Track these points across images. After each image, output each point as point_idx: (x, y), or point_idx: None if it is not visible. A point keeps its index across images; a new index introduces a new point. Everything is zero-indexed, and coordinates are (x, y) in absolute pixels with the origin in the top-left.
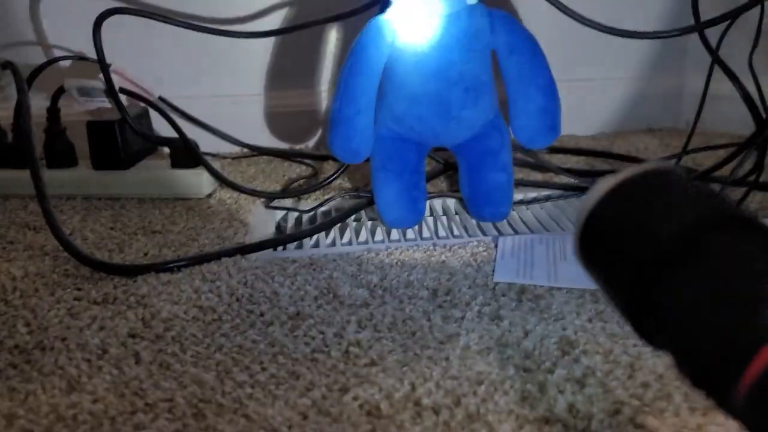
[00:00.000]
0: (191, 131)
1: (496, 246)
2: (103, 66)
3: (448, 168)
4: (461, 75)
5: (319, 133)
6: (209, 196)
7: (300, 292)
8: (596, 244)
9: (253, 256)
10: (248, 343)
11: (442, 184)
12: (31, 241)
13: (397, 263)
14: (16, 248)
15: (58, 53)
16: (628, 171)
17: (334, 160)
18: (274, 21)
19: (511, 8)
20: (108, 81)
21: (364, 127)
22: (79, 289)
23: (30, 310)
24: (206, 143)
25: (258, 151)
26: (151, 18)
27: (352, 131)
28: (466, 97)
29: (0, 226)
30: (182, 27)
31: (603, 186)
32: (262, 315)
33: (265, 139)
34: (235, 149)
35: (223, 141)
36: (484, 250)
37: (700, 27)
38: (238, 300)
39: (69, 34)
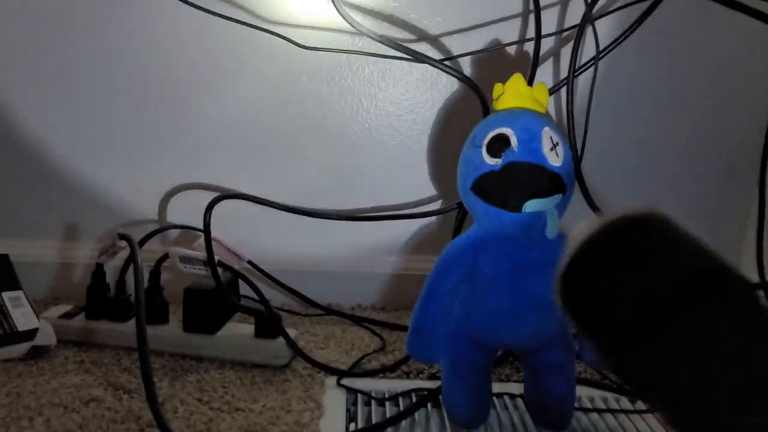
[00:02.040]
0: (270, 292)
1: None
2: (208, 242)
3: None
4: (534, 296)
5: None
6: (287, 365)
7: None
8: (583, 290)
9: None
10: None
11: (504, 371)
12: (126, 409)
13: None
14: (113, 418)
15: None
16: (615, 214)
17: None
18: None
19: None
20: (209, 253)
21: (440, 336)
22: None
23: None
24: (282, 299)
25: (329, 311)
26: (255, 202)
27: (428, 340)
28: (539, 316)
29: (98, 386)
30: (281, 210)
31: (590, 227)
32: None
33: (332, 295)
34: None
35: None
36: None
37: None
38: None
39: (171, 207)
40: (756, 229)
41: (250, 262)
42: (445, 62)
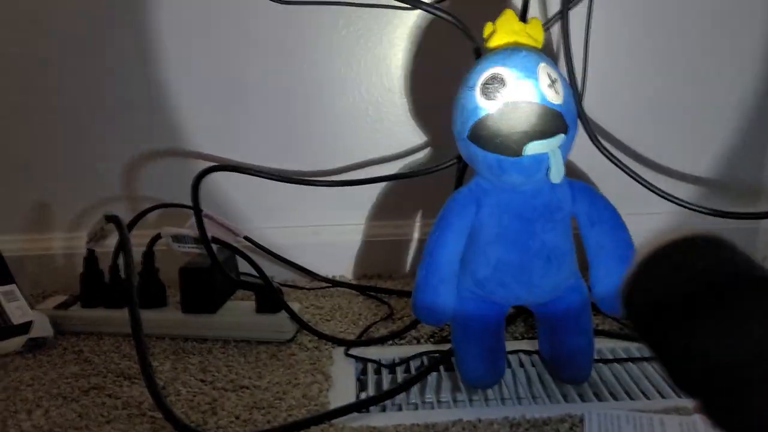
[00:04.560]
0: (271, 267)
1: (581, 422)
2: (198, 217)
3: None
4: (543, 245)
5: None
6: (291, 339)
7: None
8: (644, 297)
9: (339, 423)
10: None
11: (517, 329)
12: (127, 396)
13: None
14: (114, 405)
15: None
16: (669, 236)
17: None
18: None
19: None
20: (201, 230)
21: (447, 295)
22: None
23: None
24: (284, 274)
25: (334, 283)
26: (244, 173)
27: (435, 299)
28: (548, 266)
29: (97, 374)
30: (272, 179)
31: (654, 243)
32: None
33: (335, 267)
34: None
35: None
36: (570, 428)
37: None
38: None
39: (159, 183)
40: None
41: (246, 238)
42: (434, 5)
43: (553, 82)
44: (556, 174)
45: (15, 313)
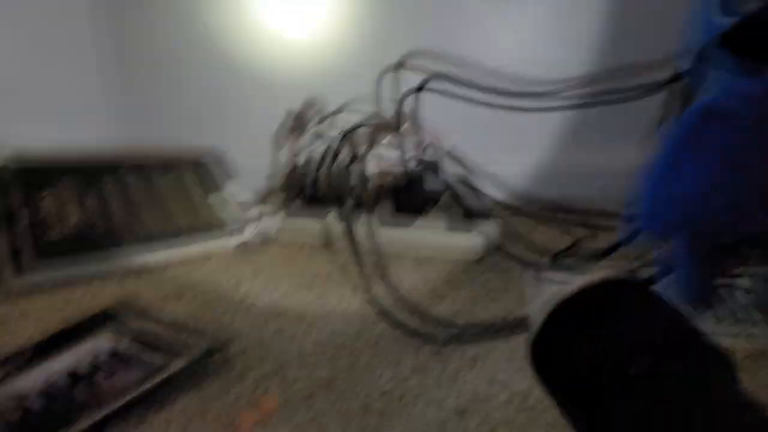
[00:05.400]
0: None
1: None
2: (399, 133)
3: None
4: None
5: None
6: (482, 259)
7: None
8: (551, 355)
9: None
10: None
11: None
12: (340, 296)
13: None
14: (342, 294)
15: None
16: (581, 281)
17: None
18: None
19: None
20: (402, 146)
21: (677, 208)
22: (397, 357)
23: (359, 376)
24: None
25: (526, 207)
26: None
27: (664, 210)
28: None
29: (305, 275)
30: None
31: (557, 296)
32: None
33: (531, 190)
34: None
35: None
36: None
37: None
38: None
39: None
40: None
41: (447, 155)
42: None
43: None
44: None
45: (229, 216)
